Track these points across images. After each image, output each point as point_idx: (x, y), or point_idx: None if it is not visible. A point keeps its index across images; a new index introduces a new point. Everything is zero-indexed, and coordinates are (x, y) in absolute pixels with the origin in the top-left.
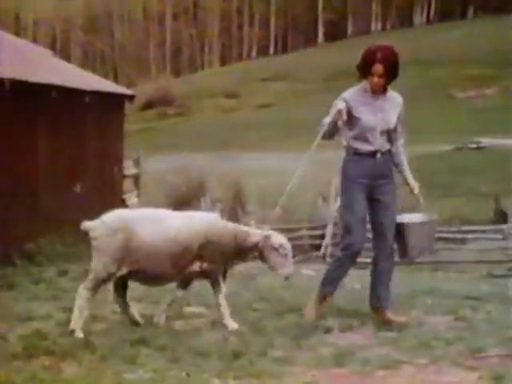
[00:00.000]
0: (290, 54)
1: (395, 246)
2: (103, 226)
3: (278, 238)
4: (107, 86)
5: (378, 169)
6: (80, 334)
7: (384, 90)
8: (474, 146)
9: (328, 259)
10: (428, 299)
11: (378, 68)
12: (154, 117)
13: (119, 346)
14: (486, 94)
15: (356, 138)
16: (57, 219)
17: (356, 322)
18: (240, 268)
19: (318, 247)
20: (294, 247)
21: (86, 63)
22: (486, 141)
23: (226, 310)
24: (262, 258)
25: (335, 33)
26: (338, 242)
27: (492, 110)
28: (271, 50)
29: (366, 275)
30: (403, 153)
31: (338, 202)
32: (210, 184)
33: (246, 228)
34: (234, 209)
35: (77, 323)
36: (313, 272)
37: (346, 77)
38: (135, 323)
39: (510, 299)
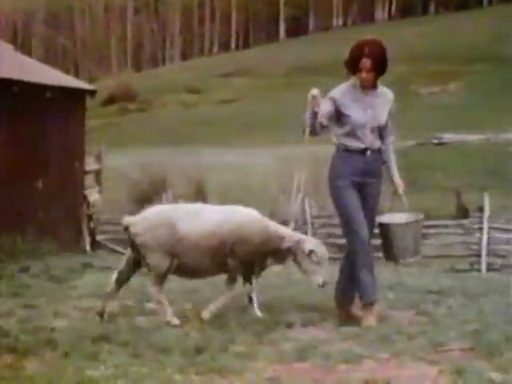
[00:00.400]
0: (251, 50)
1: (381, 248)
2: (145, 221)
3: (311, 245)
4: (68, 81)
5: (367, 167)
6: (175, 321)
7: (374, 86)
8: (437, 141)
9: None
10: (390, 294)
11: (366, 63)
12: (115, 112)
13: (81, 342)
14: (449, 89)
15: (346, 135)
16: (18, 215)
17: (318, 316)
18: None
19: None
20: None
21: (47, 58)
22: (448, 136)
23: (214, 307)
24: (297, 262)
25: (297, 28)
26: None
27: (454, 105)
28: (233, 46)
29: (327, 271)
30: (392, 150)
31: (300, 199)
32: (171, 180)
33: (283, 230)
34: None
35: (167, 315)
36: (276, 268)
37: (307, 72)
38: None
39: (472, 293)
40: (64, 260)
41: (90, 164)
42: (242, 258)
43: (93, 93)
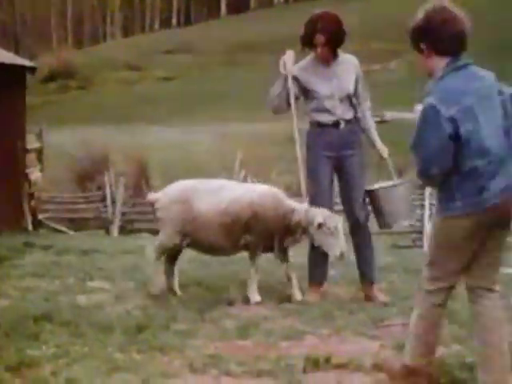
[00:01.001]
0: (193, 27)
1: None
2: (165, 197)
3: (320, 217)
4: (8, 57)
5: (343, 139)
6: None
7: (334, 56)
8: (378, 119)
9: None
10: (332, 270)
11: (320, 38)
12: (56, 90)
13: (22, 322)
14: (390, 67)
15: (316, 109)
16: None
17: (259, 294)
18: (143, 242)
19: None
20: None
21: None
22: (389, 114)
23: (253, 287)
24: (309, 236)
25: (238, 5)
26: None
27: (396, 83)
28: (174, 22)
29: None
30: (370, 117)
31: (242, 177)
32: (113, 158)
33: (295, 204)
34: (138, 183)
35: (155, 288)
36: None
37: (249, 49)
38: (173, 292)
39: (413, 269)
40: (5, 239)
41: (31, 142)
42: (258, 234)
43: (33, 70)
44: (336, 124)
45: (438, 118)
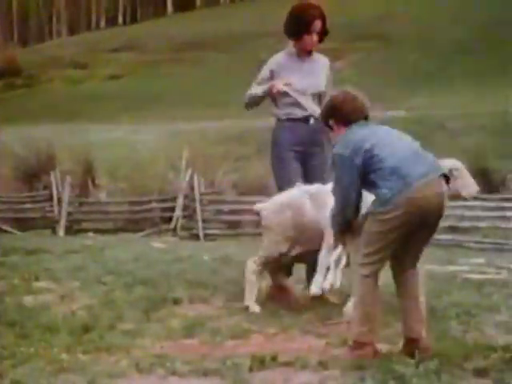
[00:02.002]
0: (139, 25)
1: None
2: (272, 205)
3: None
4: None
5: (311, 135)
6: (255, 309)
7: (309, 52)
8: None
9: (180, 232)
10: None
11: (319, 24)
12: (1, 88)
13: None
14: (334, 67)
15: (290, 104)
16: None
17: (206, 293)
18: (89, 241)
19: (169, 220)
20: (145, 220)
21: None
22: None
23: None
24: None
25: (184, 4)
26: None
27: (339, 83)
28: (120, 20)
29: (214, 247)
30: None
31: (189, 175)
32: (59, 156)
33: None
34: (85, 182)
35: (249, 299)
36: (163, 245)
37: (195, 48)
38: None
39: None
40: None
41: None
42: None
43: None
44: (307, 119)
45: (348, 162)
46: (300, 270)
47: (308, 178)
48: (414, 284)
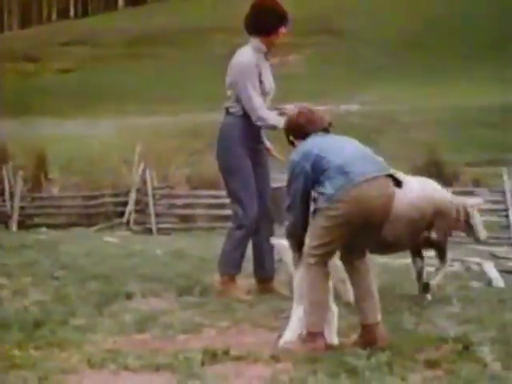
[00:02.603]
0: (90, 18)
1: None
2: None
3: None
4: None
5: (260, 132)
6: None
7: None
8: (278, 112)
9: (133, 227)
10: None
11: (287, 24)
12: None
13: None
14: (289, 61)
15: None
16: None
17: (158, 287)
18: (42, 236)
19: (122, 214)
20: (98, 214)
21: None
22: (288, 107)
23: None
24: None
25: None
26: (233, 219)
27: (295, 77)
28: (72, 13)
29: (167, 241)
30: None
31: (141, 169)
32: (12, 151)
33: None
34: (37, 176)
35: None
36: (116, 239)
37: (147, 42)
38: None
39: None
40: None
41: None
42: (442, 229)
43: None
44: None
45: (299, 168)
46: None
47: (257, 175)
48: (365, 272)
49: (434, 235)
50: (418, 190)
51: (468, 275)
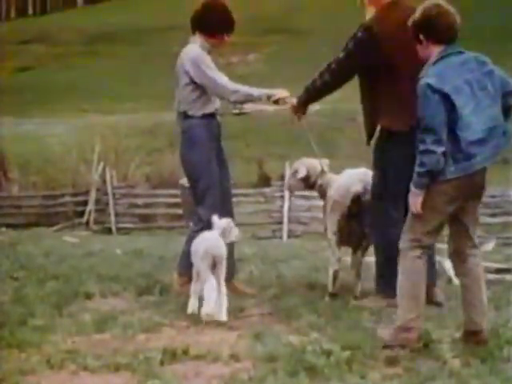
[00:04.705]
0: (49, 16)
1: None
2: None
3: None
4: None
5: (219, 130)
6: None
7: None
8: (237, 111)
9: (93, 226)
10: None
11: (231, 34)
12: None
13: None
14: (248, 60)
15: (208, 100)
16: None
17: (117, 287)
18: (0, 237)
19: (82, 214)
20: (58, 214)
21: None
22: (248, 106)
23: None
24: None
25: None
26: (196, 221)
27: (253, 76)
28: (30, 11)
29: (127, 241)
30: None
31: (101, 168)
32: None
33: None
34: None
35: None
36: (76, 239)
37: (106, 40)
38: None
39: (272, 259)
40: None
41: None
42: None
43: None
44: (215, 114)
45: (434, 94)
46: None
47: (221, 172)
48: (479, 271)
49: None
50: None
51: None
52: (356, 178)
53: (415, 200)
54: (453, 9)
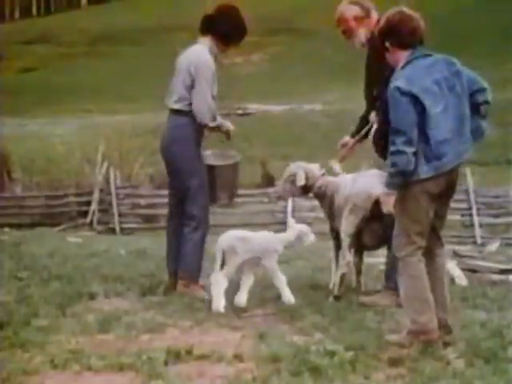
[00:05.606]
0: (53, 16)
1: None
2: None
3: None
4: None
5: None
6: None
7: None
8: (241, 111)
9: (96, 226)
10: None
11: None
12: None
13: None
14: (252, 60)
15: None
16: None
17: (121, 287)
18: (4, 237)
19: (86, 214)
20: (61, 214)
21: None
22: (252, 107)
23: None
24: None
25: None
26: (187, 221)
27: (258, 76)
28: (34, 11)
29: (131, 241)
30: None
31: (105, 169)
32: None
33: None
34: (0, 176)
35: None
36: (80, 239)
37: (110, 41)
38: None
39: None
40: None
41: None
42: None
43: None
44: None
45: (403, 97)
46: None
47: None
48: (443, 270)
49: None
50: None
51: None
52: (376, 180)
53: (387, 200)
54: (416, 14)
